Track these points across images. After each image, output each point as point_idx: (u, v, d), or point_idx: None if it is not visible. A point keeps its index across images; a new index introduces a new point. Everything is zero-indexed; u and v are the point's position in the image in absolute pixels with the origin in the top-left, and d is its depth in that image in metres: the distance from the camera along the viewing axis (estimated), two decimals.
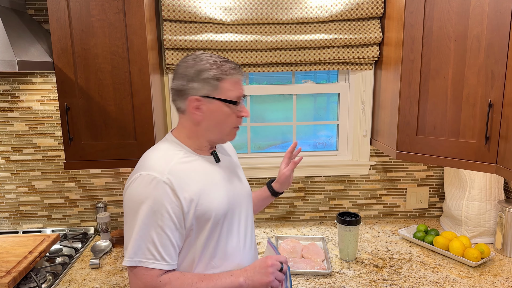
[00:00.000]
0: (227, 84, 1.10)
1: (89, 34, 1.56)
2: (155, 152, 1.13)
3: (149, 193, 1.03)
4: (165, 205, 1.02)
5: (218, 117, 1.11)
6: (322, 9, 1.87)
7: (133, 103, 1.62)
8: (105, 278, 1.63)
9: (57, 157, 2.02)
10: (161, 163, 1.07)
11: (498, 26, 1.38)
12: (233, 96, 1.11)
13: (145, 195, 1.03)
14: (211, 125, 1.13)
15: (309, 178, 2.14)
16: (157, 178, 1.03)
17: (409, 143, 1.66)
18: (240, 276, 1.08)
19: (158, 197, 1.02)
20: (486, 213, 1.85)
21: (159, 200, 1.02)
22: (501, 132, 1.42)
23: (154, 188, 1.03)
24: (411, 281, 1.56)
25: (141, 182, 1.04)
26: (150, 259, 1.02)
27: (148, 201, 1.02)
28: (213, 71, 1.08)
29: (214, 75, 1.08)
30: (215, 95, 1.09)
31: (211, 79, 1.08)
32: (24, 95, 1.95)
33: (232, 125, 1.14)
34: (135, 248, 1.02)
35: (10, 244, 1.74)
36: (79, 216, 2.10)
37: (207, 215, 1.08)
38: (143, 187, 1.03)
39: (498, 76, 1.40)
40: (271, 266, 1.09)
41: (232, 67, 1.11)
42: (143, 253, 1.02)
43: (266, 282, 1.08)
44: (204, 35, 1.86)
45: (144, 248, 1.02)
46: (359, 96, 2.06)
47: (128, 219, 1.05)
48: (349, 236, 1.70)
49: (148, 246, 1.02)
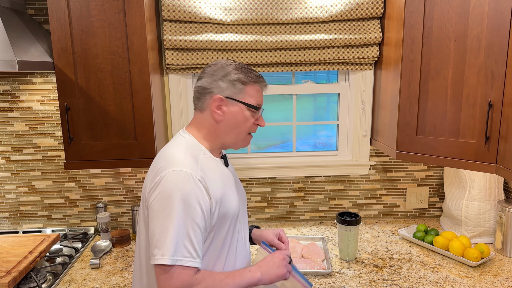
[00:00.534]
0: (251, 90, 1.15)
1: (89, 34, 1.56)
2: (178, 149, 1.12)
3: (186, 189, 1.02)
4: (199, 201, 1.03)
5: (237, 120, 1.15)
6: (322, 9, 1.87)
7: (133, 103, 1.62)
8: (105, 278, 1.63)
9: (57, 157, 2.03)
10: (190, 160, 1.07)
11: (498, 26, 1.38)
12: (254, 102, 1.16)
13: (182, 191, 1.01)
14: (229, 127, 1.16)
15: (309, 178, 2.14)
16: (192, 175, 1.03)
17: (409, 143, 1.66)
18: (257, 271, 1.12)
19: (194, 193, 1.02)
20: (486, 213, 1.85)
21: (195, 197, 1.02)
22: (501, 132, 1.42)
23: (190, 184, 1.02)
24: (411, 281, 1.56)
25: (176, 178, 1.02)
26: (187, 257, 1.00)
27: (185, 196, 1.01)
28: (240, 75, 1.14)
29: (240, 78, 1.13)
30: (239, 98, 1.14)
31: (237, 81, 1.13)
32: (24, 95, 1.95)
33: (248, 131, 1.19)
34: (174, 246, 0.99)
35: (10, 244, 1.75)
36: (79, 216, 2.10)
37: (227, 216, 1.12)
38: (179, 183, 1.02)
39: (498, 76, 1.40)
40: (283, 259, 1.17)
41: (257, 75, 1.17)
42: (181, 251, 1.00)
43: (282, 274, 1.15)
44: (204, 35, 1.86)
45: (182, 246, 1.00)
46: (359, 96, 2.06)
47: (161, 215, 1.01)
48: (349, 236, 1.70)
49: (185, 243, 1.00)
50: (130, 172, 2.06)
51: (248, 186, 2.13)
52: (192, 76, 2.02)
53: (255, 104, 1.16)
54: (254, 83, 1.15)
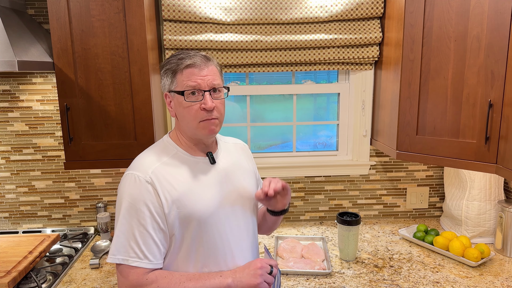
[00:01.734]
0: (180, 76, 1.10)
1: (89, 34, 1.56)
2: (145, 153, 1.17)
3: (131, 191, 1.06)
4: (147, 203, 1.05)
5: (180, 111, 1.13)
6: (322, 9, 1.87)
7: (133, 103, 1.62)
8: (105, 278, 1.63)
9: (57, 157, 2.03)
10: (147, 163, 1.11)
11: (498, 26, 1.38)
12: (183, 87, 1.09)
13: (127, 193, 1.06)
14: (181, 120, 1.15)
15: (309, 178, 2.14)
16: (140, 177, 1.07)
17: (409, 143, 1.66)
18: (229, 277, 1.09)
19: (139, 195, 1.05)
20: (486, 213, 1.85)
21: (141, 198, 1.05)
22: (501, 132, 1.42)
23: (136, 187, 1.06)
24: (411, 281, 1.56)
25: (126, 181, 1.08)
26: (133, 257, 1.04)
27: (130, 199, 1.05)
28: (168, 65, 1.12)
29: (168, 69, 1.12)
30: (173, 88, 1.12)
31: (166, 72, 1.13)
32: (24, 95, 1.95)
33: (197, 119, 1.10)
34: (118, 245, 1.05)
35: (10, 244, 1.74)
36: (79, 216, 2.10)
37: (190, 217, 1.09)
38: (127, 186, 1.07)
39: (498, 76, 1.40)
40: (260, 268, 1.10)
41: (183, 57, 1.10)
42: (126, 251, 1.04)
43: (254, 284, 1.08)
44: (204, 35, 1.86)
45: (127, 246, 1.05)
46: (359, 96, 2.06)
47: (116, 217, 1.09)
48: (349, 236, 1.70)
49: (131, 244, 1.05)
50: None
51: None
52: None
53: (183, 88, 1.09)
54: (178, 68, 1.10)
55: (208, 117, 1.11)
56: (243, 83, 2.09)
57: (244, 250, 1.21)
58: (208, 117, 1.11)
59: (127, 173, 1.10)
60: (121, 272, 1.06)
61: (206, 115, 1.10)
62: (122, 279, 1.06)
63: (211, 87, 1.11)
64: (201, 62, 1.10)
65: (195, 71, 1.09)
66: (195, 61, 1.10)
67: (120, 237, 1.05)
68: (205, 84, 1.10)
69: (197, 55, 1.12)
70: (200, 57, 1.11)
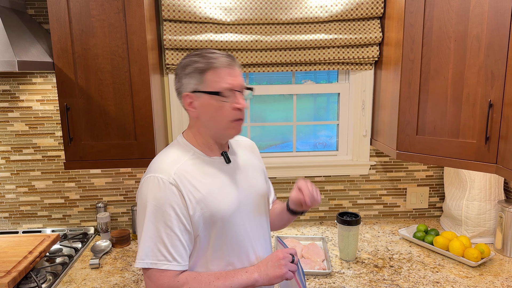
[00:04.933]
0: (212, 75, 1.07)
1: (89, 34, 1.56)
2: (163, 155, 1.14)
3: (156, 194, 1.04)
4: (172, 205, 1.04)
5: (209, 111, 1.10)
6: (322, 9, 1.87)
7: (133, 103, 1.62)
8: (105, 278, 1.63)
9: (57, 157, 2.03)
10: (168, 165, 1.09)
11: (498, 26, 1.38)
12: (218, 88, 1.07)
13: (152, 196, 1.04)
14: (206, 120, 1.12)
15: (309, 178, 2.14)
16: (163, 179, 1.05)
17: (409, 143, 1.66)
18: (255, 272, 1.10)
19: (165, 197, 1.04)
20: (486, 213, 1.85)
21: (167, 201, 1.03)
22: (501, 132, 1.42)
23: (161, 189, 1.04)
24: (411, 281, 1.56)
25: (149, 184, 1.06)
26: (162, 261, 1.02)
27: (155, 201, 1.03)
28: (196, 64, 1.08)
29: (196, 68, 1.08)
30: (201, 88, 1.08)
31: (193, 72, 1.08)
32: (24, 95, 1.95)
33: (228, 118, 1.10)
34: (146, 250, 1.03)
35: (10, 244, 1.74)
36: (79, 216, 2.10)
37: (214, 218, 1.09)
38: (151, 189, 1.05)
39: (498, 76, 1.40)
40: (283, 258, 1.11)
41: (216, 57, 1.08)
42: (155, 255, 1.02)
43: (280, 274, 1.09)
44: (204, 35, 1.86)
45: (155, 250, 1.02)
46: (359, 96, 2.06)
47: (139, 221, 1.06)
48: (349, 236, 1.70)
49: (159, 247, 1.03)
50: (130, 172, 2.06)
51: None
52: None
53: (219, 88, 1.07)
54: (210, 67, 1.07)
55: (241, 116, 1.11)
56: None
57: (262, 246, 1.23)
58: (241, 116, 1.11)
59: (148, 176, 1.07)
60: (150, 277, 1.04)
61: (239, 114, 1.10)
62: (151, 284, 1.04)
63: (242, 88, 1.11)
64: (233, 62, 1.10)
65: (229, 71, 1.08)
66: (230, 61, 1.09)
67: (148, 241, 1.03)
68: (238, 85, 1.09)
69: (226, 55, 1.10)
70: (230, 57, 1.11)
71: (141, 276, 1.63)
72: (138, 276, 1.64)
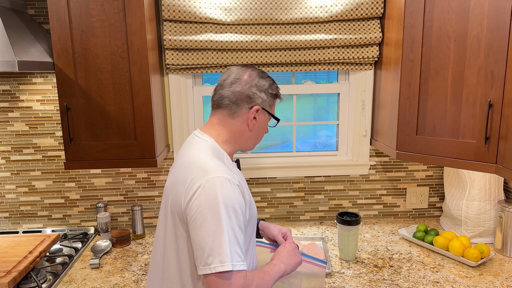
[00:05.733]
0: (275, 103, 1.27)
1: (89, 34, 1.56)
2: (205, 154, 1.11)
3: (229, 194, 1.03)
4: (241, 206, 1.06)
5: (262, 129, 1.24)
6: (322, 9, 1.87)
7: (133, 103, 1.62)
8: (105, 278, 1.63)
9: (57, 157, 2.03)
10: (223, 165, 1.08)
11: (498, 26, 1.38)
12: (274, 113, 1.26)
13: (226, 197, 1.02)
14: (255, 135, 1.23)
15: (309, 178, 2.14)
16: (231, 180, 1.05)
17: (409, 143, 1.66)
18: (281, 263, 1.19)
19: (235, 198, 1.04)
20: (486, 213, 1.85)
21: (238, 201, 1.04)
22: (501, 132, 1.42)
23: (231, 190, 1.04)
24: (411, 281, 1.56)
25: (217, 184, 1.03)
26: (239, 261, 1.01)
27: (229, 202, 1.02)
28: (276, 90, 1.25)
29: (276, 92, 1.24)
30: (270, 110, 1.24)
31: (273, 94, 1.23)
32: (24, 95, 1.95)
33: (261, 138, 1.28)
34: (230, 252, 1.00)
35: (10, 244, 1.75)
36: (79, 216, 2.10)
37: (252, 219, 1.16)
38: (221, 189, 1.02)
39: (498, 76, 1.40)
40: (294, 248, 1.26)
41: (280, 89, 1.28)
42: (233, 256, 1.00)
43: (299, 261, 1.24)
44: (204, 35, 1.86)
45: (233, 251, 1.00)
46: (359, 96, 2.06)
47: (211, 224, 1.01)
48: (349, 236, 1.70)
49: (236, 248, 1.01)
50: (130, 172, 2.06)
51: (249, 186, 2.13)
52: (192, 76, 2.02)
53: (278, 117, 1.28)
54: (279, 97, 1.26)
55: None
56: None
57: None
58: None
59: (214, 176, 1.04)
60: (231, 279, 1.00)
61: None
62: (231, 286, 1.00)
63: None
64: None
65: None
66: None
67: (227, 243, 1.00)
68: None
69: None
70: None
71: (141, 276, 1.63)
72: (138, 276, 1.64)
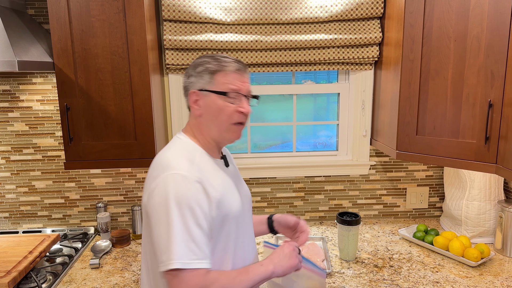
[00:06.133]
0: (221, 77, 1.11)
1: (89, 34, 1.56)
2: (172, 152, 1.11)
3: (183, 191, 1.00)
4: (199, 203, 1.02)
5: (213, 110, 1.12)
6: (322, 9, 1.87)
7: (133, 103, 1.62)
8: (105, 278, 1.63)
9: (57, 157, 2.03)
10: (186, 162, 1.07)
11: (498, 26, 1.38)
12: (226, 89, 1.10)
13: (180, 194, 1.00)
14: (209, 120, 1.13)
15: (309, 178, 2.14)
16: (188, 177, 1.02)
17: (409, 143, 1.66)
18: (270, 264, 1.11)
19: (192, 195, 1.01)
20: (486, 213, 1.85)
21: (194, 199, 1.01)
22: (501, 132, 1.42)
23: (187, 187, 1.01)
24: (411, 281, 1.56)
25: (172, 181, 1.02)
26: (194, 259, 0.99)
27: (183, 199, 1.00)
28: (208, 64, 1.12)
29: (207, 68, 1.12)
30: (209, 87, 1.11)
31: (204, 72, 1.12)
32: (24, 95, 1.95)
33: (231, 121, 1.12)
34: (180, 249, 0.98)
35: (10, 244, 1.75)
36: (79, 216, 2.10)
37: (227, 217, 1.10)
38: (176, 187, 1.01)
39: (498, 76, 1.40)
40: (293, 250, 1.16)
41: (225, 61, 1.12)
42: (186, 254, 0.98)
43: (294, 264, 1.14)
44: (204, 35, 1.86)
45: (186, 249, 0.98)
46: (359, 96, 2.06)
47: (164, 221, 1.00)
48: (349, 236, 1.70)
49: (190, 245, 0.99)
50: (130, 172, 2.06)
51: (248, 186, 2.12)
52: None
53: (227, 89, 1.10)
54: (221, 69, 1.11)
55: (242, 120, 1.14)
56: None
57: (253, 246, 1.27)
58: (242, 120, 1.14)
59: (169, 173, 1.03)
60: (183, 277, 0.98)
61: (241, 118, 1.13)
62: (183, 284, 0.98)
63: (248, 94, 1.15)
64: (244, 68, 1.15)
65: (238, 75, 1.13)
66: (240, 66, 1.14)
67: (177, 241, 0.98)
68: (245, 90, 1.14)
69: (237, 61, 1.15)
70: (242, 64, 1.16)
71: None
72: (138, 276, 1.64)
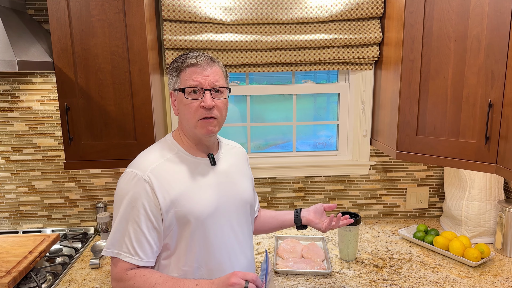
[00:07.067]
0: (184, 75, 1.13)
1: (89, 34, 1.56)
2: (147, 150, 1.19)
3: (129, 189, 1.08)
4: (143, 202, 1.07)
5: (182, 108, 1.14)
6: (322, 9, 1.87)
7: (133, 103, 1.62)
8: (105, 278, 1.63)
9: (57, 157, 2.03)
10: (148, 161, 1.13)
11: (498, 26, 1.38)
12: (185, 85, 1.12)
13: (126, 191, 1.08)
14: (182, 118, 1.17)
15: (309, 178, 2.14)
16: (138, 176, 1.09)
17: (409, 143, 1.66)
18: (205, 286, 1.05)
19: (136, 193, 1.07)
20: (486, 213, 1.85)
21: (137, 197, 1.07)
22: (501, 132, 1.42)
23: (134, 185, 1.08)
24: (411, 281, 1.56)
25: (125, 178, 1.10)
26: (125, 252, 1.08)
27: (127, 196, 1.08)
28: (174, 64, 1.15)
29: (174, 67, 1.15)
30: (177, 86, 1.15)
31: (172, 71, 1.16)
32: (24, 95, 1.95)
33: (195, 117, 1.12)
34: (113, 240, 1.09)
35: (10, 244, 1.74)
36: (79, 216, 2.10)
37: (187, 218, 1.10)
38: (126, 184, 1.09)
39: (498, 76, 1.40)
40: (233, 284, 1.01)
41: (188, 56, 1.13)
42: (120, 246, 1.08)
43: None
44: (204, 35, 1.86)
45: (121, 241, 1.08)
46: (359, 96, 2.06)
47: (114, 212, 1.12)
48: (349, 236, 1.70)
49: (125, 239, 1.08)
50: None
51: None
52: None
53: (183, 86, 1.12)
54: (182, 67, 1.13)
55: (206, 115, 1.12)
56: (243, 83, 2.10)
57: (241, 252, 1.21)
58: (206, 115, 1.12)
59: (127, 170, 1.12)
60: (112, 262, 1.11)
61: (204, 113, 1.11)
62: (112, 269, 1.11)
63: (212, 87, 1.12)
64: (204, 62, 1.13)
65: (198, 70, 1.12)
66: (199, 60, 1.12)
67: (116, 232, 1.09)
68: (207, 84, 1.12)
69: (201, 55, 1.15)
70: (204, 57, 1.14)
71: None
72: None
